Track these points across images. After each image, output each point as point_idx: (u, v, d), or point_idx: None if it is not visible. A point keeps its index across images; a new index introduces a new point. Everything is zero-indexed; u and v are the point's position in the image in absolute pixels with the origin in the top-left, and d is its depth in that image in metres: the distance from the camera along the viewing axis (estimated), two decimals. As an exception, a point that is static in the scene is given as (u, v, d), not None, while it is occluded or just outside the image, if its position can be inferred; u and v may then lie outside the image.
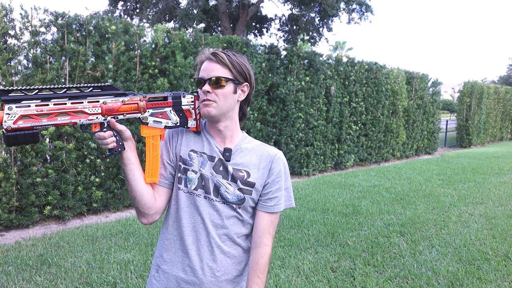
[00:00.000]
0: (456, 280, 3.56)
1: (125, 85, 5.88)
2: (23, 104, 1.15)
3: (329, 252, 4.21)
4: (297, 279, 3.58)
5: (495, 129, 18.89)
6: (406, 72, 12.49)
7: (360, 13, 17.25)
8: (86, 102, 1.26)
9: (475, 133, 16.73)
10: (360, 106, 10.59)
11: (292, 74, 8.67)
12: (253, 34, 20.06)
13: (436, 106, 14.19)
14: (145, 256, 4.02)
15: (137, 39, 6.11)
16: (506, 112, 19.87)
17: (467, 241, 4.55)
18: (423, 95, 13.28)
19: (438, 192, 7.12)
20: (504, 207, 6.07)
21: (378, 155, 11.55)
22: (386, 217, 5.52)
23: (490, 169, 9.83)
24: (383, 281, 3.53)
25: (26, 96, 1.17)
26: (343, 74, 9.99)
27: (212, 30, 18.75)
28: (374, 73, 11.04)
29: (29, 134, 1.17)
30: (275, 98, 8.41)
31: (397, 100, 11.85)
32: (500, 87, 19.18)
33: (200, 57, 1.50)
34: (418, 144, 13.46)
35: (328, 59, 9.70)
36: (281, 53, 8.70)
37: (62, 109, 1.20)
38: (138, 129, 5.98)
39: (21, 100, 1.16)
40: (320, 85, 9.29)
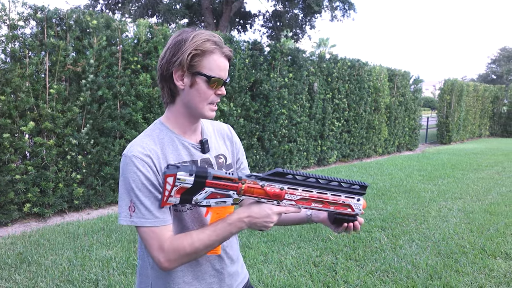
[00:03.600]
0: (434, 273, 3.63)
1: (106, 80, 5.81)
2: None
3: (311, 247, 4.25)
4: (279, 274, 3.61)
5: (474, 126, 19.27)
6: (388, 69, 12.63)
7: (343, 10, 17.36)
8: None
9: (455, 130, 17.04)
10: (343, 102, 10.68)
11: (275, 71, 8.69)
12: (236, 30, 20.01)
13: (418, 103, 14.40)
14: (127, 253, 4.00)
15: (119, 34, 6.04)
16: (485, 109, 20.28)
17: (446, 235, 4.65)
18: (404, 92, 13.46)
19: (419, 188, 7.24)
20: (482, 202, 6.21)
21: (361, 151, 11.68)
22: (367, 212, 5.59)
23: (468, 165, 10.03)
24: (364, 275, 3.58)
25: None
26: (326, 71, 10.06)
27: (195, 26, 18.63)
28: (356, 70, 11.14)
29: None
30: (258, 94, 8.42)
31: (379, 97, 11.99)
32: (479, 85, 19.56)
33: (226, 51, 1.28)
34: (399, 141, 13.65)
35: (311, 56, 9.75)
36: (264, 50, 8.70)
37: (320, 198, 1.29)
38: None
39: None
40: (303, 81, 9.33)
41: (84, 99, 5.52)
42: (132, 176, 1.19)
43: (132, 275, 3.49)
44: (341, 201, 1.31)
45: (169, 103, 1.31)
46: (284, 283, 3.41)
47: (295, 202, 1.27)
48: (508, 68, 50.17)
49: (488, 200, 6.36)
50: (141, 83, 6.18)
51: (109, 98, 5.83)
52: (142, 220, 1.19)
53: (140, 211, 1.19)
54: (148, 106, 6.39)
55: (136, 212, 1.19)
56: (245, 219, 1.23)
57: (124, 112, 6.02)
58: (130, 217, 1.20)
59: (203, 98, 1.27)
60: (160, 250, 1.19)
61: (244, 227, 1.24)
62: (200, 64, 1.23)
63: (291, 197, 1.26)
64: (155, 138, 1.28)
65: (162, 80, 1.28)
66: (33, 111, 5.21)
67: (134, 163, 1.19)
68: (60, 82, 5.46)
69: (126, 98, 6.04)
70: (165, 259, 1.19)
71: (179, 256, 1.20)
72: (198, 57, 1.23)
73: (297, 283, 3.42)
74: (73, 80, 5.61)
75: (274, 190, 1.24)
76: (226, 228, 1.22)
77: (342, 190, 1.32)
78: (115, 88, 5.92)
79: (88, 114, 5.70)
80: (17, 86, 4.99)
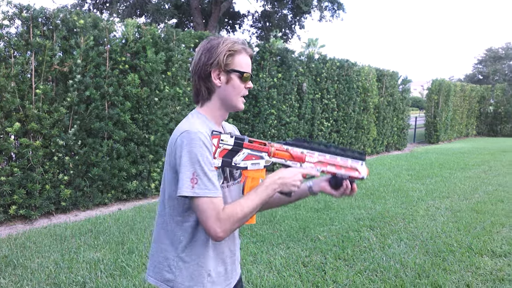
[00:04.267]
0: (422, 271, 3.66)
1: (94, 80, 5.75)
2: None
3: (300, 247, 4.25)
4: (269, 274, 3.60)
5: (461, 126, 19.48)
6: (376, 69, 12.72)
7: (332, 10, 17.44)
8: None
9: (442, 129, 17.21)
10: (332, 102, 10.72)
11: (264, 71, 8.69)
12: (225, 30, 19.99)
13: (406, 103, 14.52)
14: (115, 254, 3.96)
15: (106, 34, 5.99)
16: (472, 109, 20.52)
17: (434, 234, 4.69)
18: (393, 92, 13.56)
19: (407, 187, 7.30)
20: (469, 201, 6.28)
21: (350, 151, 11.71)
22: (356, 211, 5.61)
23: (456, 164, 10.13)
24: (353, 274, 3.59)
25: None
26: (315, 71, 10.09)
27: (184, 26, 18.57)
28: (345, 70, 11.19)
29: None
30: (247, 94, 8.41)
31: (368, 97, 12.06)
32: (466, 85, 19.79)
33: (249, 51, 1.51)
34: (388, 140, 13.75)
35: (300, 56, 9.77)
36: (253, 50, 8.70)
37: (333, 162, 1.53)
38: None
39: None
40: (292, 81, 9.35)
41: (71, 100, 5.46)
42: (199, 149, 1.32)
43: (120, 277, 3.46)
44: (349, 165, 1.55)
45: (206, 100, 1.48)
46: (273, 284, 3.40)
47: (313, 165, 1.50)
48: (494, 69, 50.81)
49: (475, 199, 6.43)
50: (129, 83, 6.14)
51: (97, 98, 5.77)
52: (206, 191, 1.31)
53: (203, 182, 1.31)
54: (136, 106, 6.34)
55: (199, 184, 1.30)
56: (277, 180, 1.41)
57: (112, 113, 5.97)
58: (192, 188, 1.30)
59: (237, 92, 1.48)
60: (217, 220, 1.30)
61: (277, 188, 1.41)
62: (233, 62, 1.44)
63: (310, 159, 1.49)
64: (202, 124, 1.43)
65: (200, 81, 1.46)
66: (18, 112, 5.14)
67: (200, 138, 1.32)
68: (46, 83, 5.39)
69: (114, 99, 5.98)
70: (221, 228, 1.31)
71: (232, 223, 1.33)
72: (231, 57, 1.44)
73: (286, 283, 3.42)
74: (59, 80, 5.55)
75: (297, 153, 1.48)
76: (264, 191, 1.39)
77: (347, 155, 1.56)
78: (103, 88, 5.86)
79: (76, 114, 5.63)
80: (2, 87, 4.91)
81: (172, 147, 1.37)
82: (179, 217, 1.41)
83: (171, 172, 1.39)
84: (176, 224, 1.42)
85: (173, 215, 1.42)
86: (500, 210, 5.72)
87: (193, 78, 1.49)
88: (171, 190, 1.40)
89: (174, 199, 1.40)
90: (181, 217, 1.41)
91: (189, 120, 1.44)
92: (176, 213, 1.42)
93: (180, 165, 1.32)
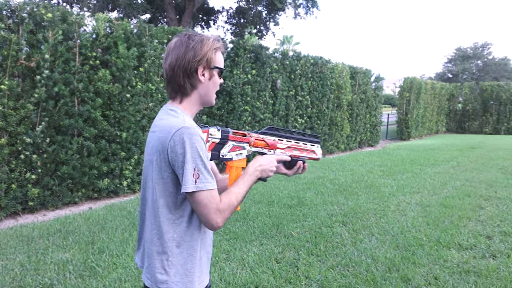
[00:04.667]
0: (393, 265, 3.73)
1: (63, 76, 5.60)
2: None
3: (273, 243, 4.26)
4: (242, 271, 3.59)
5: (431, 123, 19.96)
6: (350, 67, 12.86)
7: (306, 8, 17.52)
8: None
9: (413, 126, 17.59)
10: (306, 99, 10.79)
11: (238, 67, 8.66)
12: (200, 26, 19.82)
13: (379, 100, 14.75)
14: (85, 255, 3.87)
15: (76, 28, 5.83)
16: (442, 106, 21.05)
17: (404, 229, 4.78)
18: (366, 90, 13.75)
19: (379, 183, 7.42)
20: (438, 196, 6.44)
21: (323, 147, 11.84)
22: (329, 207, 5.67)
23: (426, 160, 10.38)
24: (325, 270, 3.62)
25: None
26: (289, 68, 10.12)
27: (158, 21, 18.32)
28: (319, 68, 11.27)
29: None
30: (221, 91, 8.37)
31: (341, 94, 12.19)
32: (436, 83, 20.28)
33: (222, 47, 1.54)
34: (361, 137, 13.94)
35: (274, 53, 9.79)
36: (227, 46, 8.66)
37: (297, 147, 1.71)
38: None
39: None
40: (266, 78, 9.35)
41: (39, 96, 5.30)
42: (200, 144, 1.35)
43: (90, 278, 3.39)
44: (308, 148, 1.74)
45: (185, 95, 1.49)
46: (246, 281, 3.40)
47: (284, 150, 1.67)
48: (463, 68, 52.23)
49: (443, 194, 6.59)
50: (100, 79, 6.00)
51: (66, 94, 5.62)
52: (207, 184, 1.35)
53: (204, 176, 1.34)
54: (107, 103, 6.21)
55: (200, 178, 1.34)
56: (258, 168, 1.54)
57: (82, 109, 5.83)
58: (194, 183, 1.33)
59: (215, 87, 1.53)
60: (217, 211, 1.36)
61: (259, 175, 1.54)
62: (215, 59, 1.50)
63: (281, 146, 1.67)
64: (191, 120, 1.46)
65: (185, 77, 1.46)
66: (-18, 108, 4.95)
67: (198, 133, 1.36)
68: (12, 78, 5.21)
69: (84, 95, 5.84)
70: (221, 219, 1.38)
71: (230, 212, 1.41)
72: (214, 54, 1.50)
73: (259, 280, 3.42)
74: (26, 75, 5.37)
75: (271, 141, 1.64)
76: (249, 179, 1.51)
77: (307, 140, 1.74)
78: (73, 84, 5.71)
79: (44, 111, 5.47)
80: (-36, 82, 4.73)
81: (167, 144, 1.35)
82: (170, 214, 1.41)
83: (165, 170, 1.39)
84: (169, 222, 1.41)
85: (165, 214, 1.41)
86: (467, 204, 5.89)
87: (175, 74, 1.47)
88: (164, 188, 1.40)
89: (167, 197, 1.40)
90: (173, 214, 1.41)
91: (178, 116, 1.42)
92: (168, 211, 1.41)
93: (183, 161, 1.33)
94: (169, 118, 1.43)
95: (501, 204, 5.92)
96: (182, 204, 1.41)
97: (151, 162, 1.42)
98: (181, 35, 1.50)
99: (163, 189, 1.40)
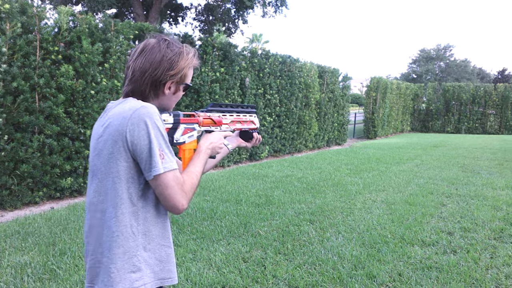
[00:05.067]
0: (358, 263, 3.77)
1: (23, 71, 5.38)
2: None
3: (241, 242, 4.24)
4: (208, 271, 3.55)
5: (397, 122, 20.47)
6: (318, 66, 12.99)
7: (275, 6, 17.58)
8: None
9: (380, 125, 17.98)
10: (275, 98, 10.82)
11: (207, 65, 8.58)
12: (168, 22, 19.54)
13: (346, 99, 14.99)
14: (45, 257, 3.73)
15: (36, 21, 5.61)
16: (406, 106, 21.63)
17: (370, 226, 4.86)
18: (334, 89, 13.93)
19: (346, 181, 7.52)
20: (402, 194, 6.59)
21: (292, 146, 11.92)
22: (297, 206, 5.70)
23: (392, 159, 10.61)
24: (292, 269, 3.63)
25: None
26: (257, 66, 10.12)
27: (124, 17, 17.93)
28: (288, 66, 11.32)
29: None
30: (189, 88, 8.26)
31: (309, 93, 12.30)
32: (401, 83, 20.81)
33: (197, 63, 1.52)
34: (329, 136, 14.13)
35: (243, 51, 9.75)
36: (195, 43, 8.56)
37: (239, 119, 1.78)
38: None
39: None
40: (235, 76, 9.31)
41: (-4, 91, 5.07)
42: (160, 123, 1.29)
43: (50, 281, 3.26)
44: (248, 119, 1.82)
45: (143, 100, 1.38)
46: (212, 281, 3.36)
47: (228, 125, 1.71)
48: (427, 68, 53.84)
49: (408, 191, 6.75)
50: (62, 75, 5.80)
51: (26, 90, 5.40)
52: (172, 164, 1.28)
53: (168, 156, 1.29)
54: (71, 99, 6.01)
55: (165, 159, 1.27)
56: (208, 146, 1.54)
57: (44, 106, 5.62)
58: (161, 164, 1.26)
59: (176, 100, 1.49)
60: (182, 191, 1.30)
61: (210, 153, 1.55)
62: (187, 75, 1.46)
63: (226, 121, 1.70)
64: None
65: (151, 86, 1.38)
66: None
67: (157, 112, 1.29)
68: (-33, 72, 4.96)
69: (45, 91, 5.63)
70: (186, 200, 1.32)
71: (193, 192, 1.37)
72: (188, 70, 1.46)
73: (226, 279, 3.39)
74: (-18, 70, 5.13)
75: (216, 118, 1.66)
76: (203, 157, 1.50)
77: (245, 111, 1.81)
78: (33, 79, 5.49)
79: (1, 107, 5.23)
80: None
81: (125, 129, 1.25)
82: (134, 206, 1.30)
83: (124, 159, 1.27)
84: (133, 216, 1.30)
85: (127, 207, 1.29)
86: (430, 201, 6.05)
87: (142, 80, 1.37)
88: (126, 178, 1.28)
89: (129, 188, 1.29)
90: (136, 206, 1.31)
91: (132, 101, 1.33)
92: (130, 204, 1.30)
93: (149, 142, 1.25)
94: (122, 105, 1.33)
95: (461, 201, 6.12)
96: (145, 193, 1.32)
97: (106, 154, 1.30)
98: (159, 38, 1.41)
99: (124, 179, 1.28)
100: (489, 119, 22.09)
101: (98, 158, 1.34)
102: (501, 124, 21.80)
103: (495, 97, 21.60)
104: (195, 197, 6.06)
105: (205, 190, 6.46)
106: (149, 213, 1.34)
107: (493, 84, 23.20)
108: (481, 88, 22.01)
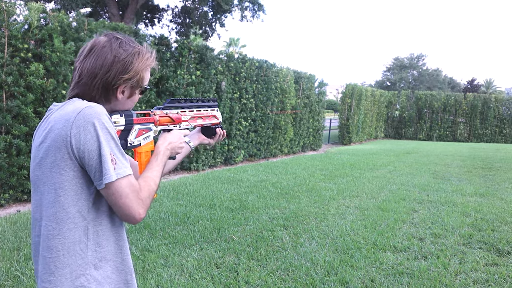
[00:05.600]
0: (331, 269, 3.77)
1: (-11, 69, 5.18)
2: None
3: (214, 248, 4.18)
4: (180, 277, 3.48)
5: (371, 128, 20.79)
6: (294, 72, 13.07)
7: (252, 11, 17.61)
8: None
9: (354, 131, 18.21)
10: (250, 102, 10.80)
11: (182, 68, 8.49)
12: (143, 23, 19.32)
13: (322, 105, 15.12)
14: (8, 262, 3.57)
15: (5, 17, 5.42)
16: (380, 113, 22.01)
17: (343, 232, 4.87)
18: (309, 95, 14.03)
19: (320, 186, 7.55)
20: (375, 200, 6.66)
21: (267, 151, 11.92)
22: (271, 211, 5.67)
23: (365, 165, 10.74)
24: (265, 275, 3.59)
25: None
26: (234, 70, 10.08)
27: (99, 16, 17.61)
28: (264, 71, 11.34)
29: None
30: (164, 91, 8.16)
31: (285, 98, 12.34)
32: (376, 91, 21.16)
33: (155, 64, 1.39)
34: (304, 141, 14.20)
35: (219, 55, 9.70)
36: (171, 45, 8.46)
37: (200, 115, 1.68)
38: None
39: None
40: (211, 80, 9.25)
41: (-40, 89, 4.86)
42: (109, 124, 1.16)
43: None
44: (210, 114, 1.73)
45: (93, 101, 1.25)
46: (184, 287, 3.29)
47: (188, 122, 1.62)
48: (400, 76, 55.02)
49: (381, 197, 6.83)
50: (32, 74, 5.62)
51: (-8, 89, 5.20)
52: (125, 170, 1.16)
53: (120, 161, 1.16)
54: (41, 99, 5.83)
55: (118, 164, 1.15)
56: (168, 146, 1.42)
57: (12, 105, 5.42)
58: (114, 170, 1.14)
59: (132, 105, 1.36)
60: (139, 199, 1.18)
61: (169, 154, 1.42)
62: (145, 78, 1.33)
63: (185, 118, 1.60)
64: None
65: (102, 89, 1.24)
66: None
67: (105, 112, 1.16)
68: None
69: (13, 90, 5.44)
70: (144, 208, 1.20)
71: (150, 199, 1.24)
72: (145, 73, 1.32)
73: (198, 286, 3.32)
74: None
75: (175, 115, 1.55)
76: (161, 159, 1.37)
77: (207, 106, 1.72)
78: (0, 77, 5.30)
79: (-34, 106, 5.03)
80: None
81: (68, 134, 1.11)
82: (84, 220, 1.17)
83: (69, 168, 1.14)
84: (82, 230, 1.17)
85: (74, 222, 1.16)
86: (402, 207, 6.13)
87: (92, 85, 1.23)
88: (73, 189, 1.15)
89: (78, 200, 1.15)
90: (87, 219, 1.18)
91: (75, 102, 1.19)
92: (80, 218, 1.17)
93: (98, 147, 1.11)
94: (65, 107, 1.18)
95: (432, 207, 6.22)
96: (95, 204, 1.19)
97: (49, 164, 1.16)
98: (110, 36, 1.26)
99: (69, 193, 1.15)
100: (459, 127, 22.73)
101: (39, 168, 1.18)
102: (470, 132, 22.45)
103: (465, 106, 22.25)
104: (168, 201, 5.96)
105: (178, 194, 6.37)
106: (102, 225, 1.21)
107: (463, 93, 23.89)
108: (452, 97, 22.63)
